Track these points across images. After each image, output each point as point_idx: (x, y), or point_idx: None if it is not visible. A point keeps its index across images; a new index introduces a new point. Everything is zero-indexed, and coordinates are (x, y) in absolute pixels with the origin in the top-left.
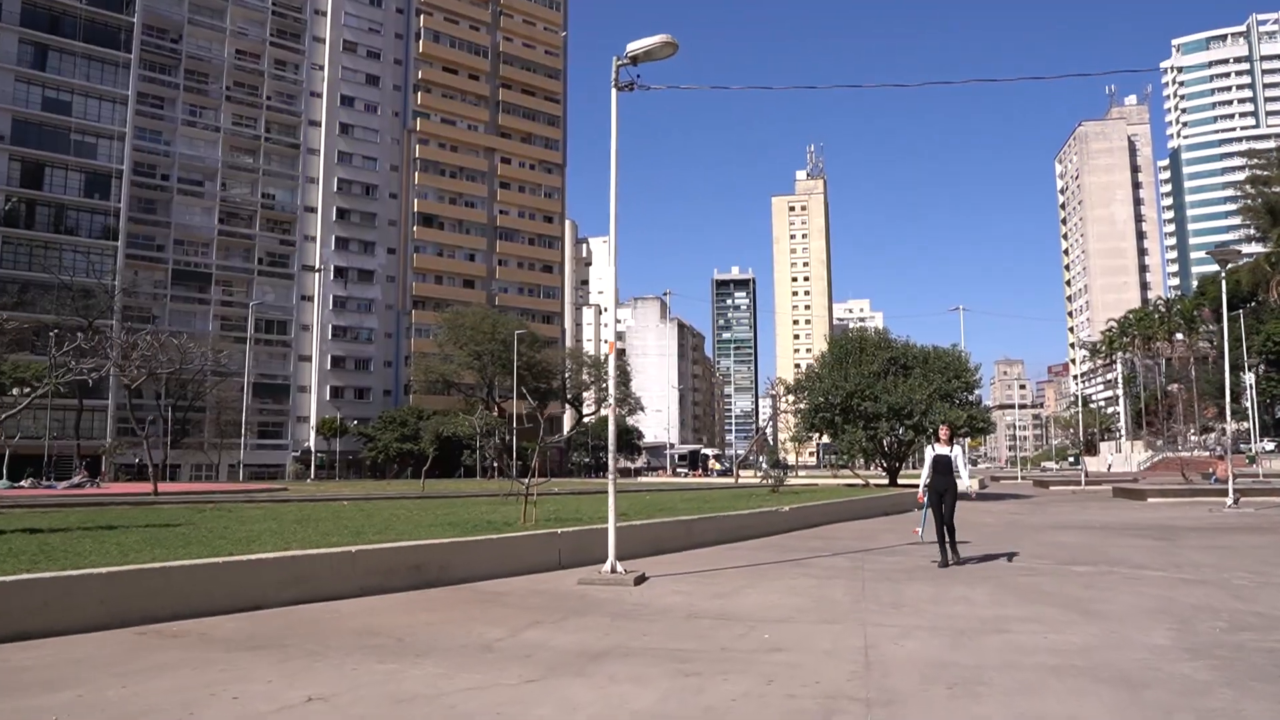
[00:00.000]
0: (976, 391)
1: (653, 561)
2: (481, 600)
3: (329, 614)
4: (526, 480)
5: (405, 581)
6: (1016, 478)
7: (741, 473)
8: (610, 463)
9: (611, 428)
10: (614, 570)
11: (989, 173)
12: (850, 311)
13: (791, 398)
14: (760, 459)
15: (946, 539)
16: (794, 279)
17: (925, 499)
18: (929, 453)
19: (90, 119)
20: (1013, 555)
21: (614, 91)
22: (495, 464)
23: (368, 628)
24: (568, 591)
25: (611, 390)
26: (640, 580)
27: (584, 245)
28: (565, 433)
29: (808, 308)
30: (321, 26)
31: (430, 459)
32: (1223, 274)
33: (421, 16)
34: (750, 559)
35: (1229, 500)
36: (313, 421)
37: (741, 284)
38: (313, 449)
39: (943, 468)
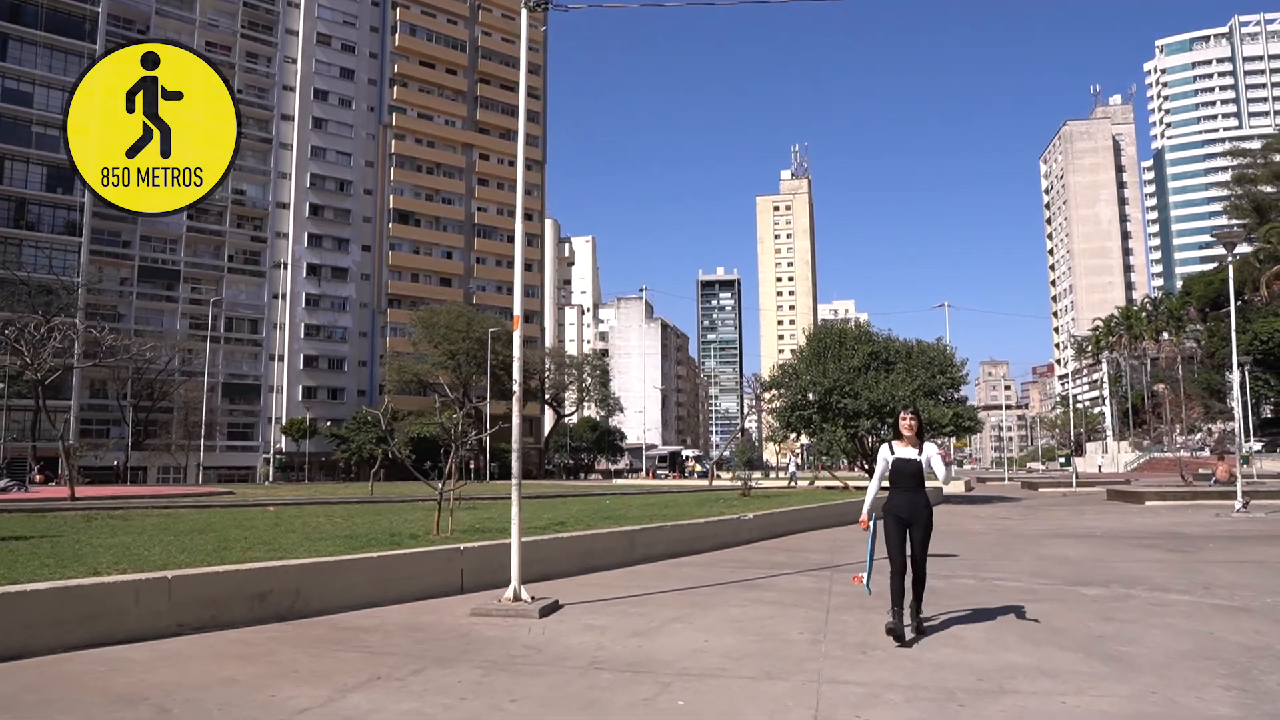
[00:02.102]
0: (963, 389)
1: (580, 582)
2: (330, 641)
3: (104, 665)
4: (440, 484)
5: (245, 615)
6: (1004, 479)
7: (722, 474)
8: (514, 464)
9: (515, 419)
10: (517, 597)
11: (974, 173)
12: (835, 312)
13: (768, 395)
14: (730, 455)
15: (909, 594)
16: (778, 279)
17: (872, 525)
18: (884, 456)
19: (53, 111)
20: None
21: (524, 12)
22: (471, 465)
23: (135, 689)
24: (451, 626)
25: (516, 373)
26: (549, 610)
27: (566, 245)
28: (478, 433)
29: (792, 308)
30: (294, 19)
31: (379, 461)
32: (1228, 259)
33: (398, 9)
34: (697, 578)
35: (1237, 503)
36: (272, 422)
37: (726, 285)
38: (273, 450)
39: (908, 479)
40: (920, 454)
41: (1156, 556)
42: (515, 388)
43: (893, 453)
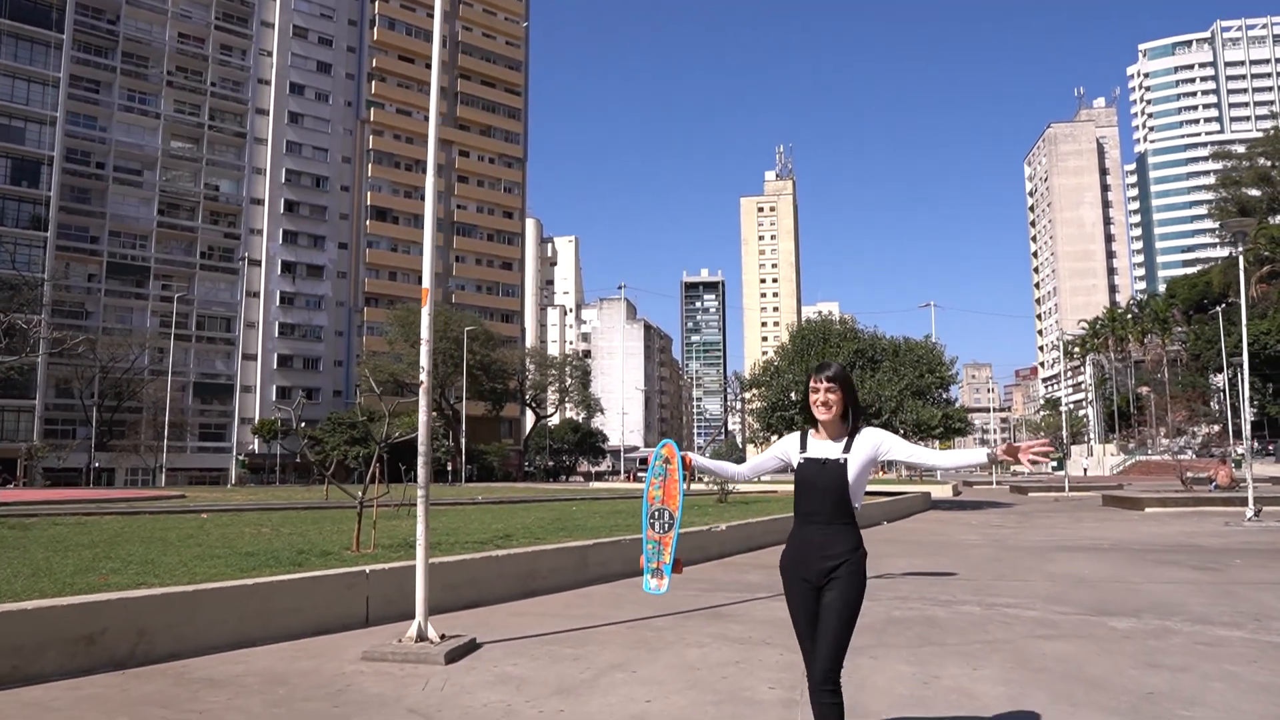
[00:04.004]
0: (951, 389)
1: (515, 610)
2: (161, 702)
3: None
4: (361, 492)
5: (65, 664)
6: (991, 483)
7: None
8: (420, 471)
9: (423, 416)
10: (421, 636)
11: (959, 174)
12: (819, 314)
13: (749, 394)
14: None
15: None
16: (763, 280)
17: (652, 464)
18: (782, 448)
19: (18, 102)
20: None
21: None
22: (449, 466)
23: None
24: (329, 678)
25: (425, 359)
26: (460, 653)
27: (549, 244)
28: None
29: (776, 310)
30: (270, 10)
31: (334, 464)
32: (1239, 251)
33: (376, 3)
34: (654, 605)
35: (1249, 512)
36: (239, 422)
37: (711, 286)
38: (236, 452)
39: (820, 499)
40: (846, 453)
41: (1183, 576)
42: (424, 377)
43: (803, 449)
